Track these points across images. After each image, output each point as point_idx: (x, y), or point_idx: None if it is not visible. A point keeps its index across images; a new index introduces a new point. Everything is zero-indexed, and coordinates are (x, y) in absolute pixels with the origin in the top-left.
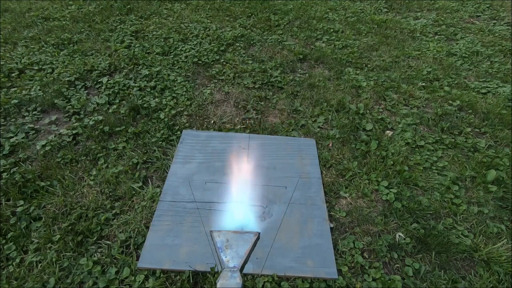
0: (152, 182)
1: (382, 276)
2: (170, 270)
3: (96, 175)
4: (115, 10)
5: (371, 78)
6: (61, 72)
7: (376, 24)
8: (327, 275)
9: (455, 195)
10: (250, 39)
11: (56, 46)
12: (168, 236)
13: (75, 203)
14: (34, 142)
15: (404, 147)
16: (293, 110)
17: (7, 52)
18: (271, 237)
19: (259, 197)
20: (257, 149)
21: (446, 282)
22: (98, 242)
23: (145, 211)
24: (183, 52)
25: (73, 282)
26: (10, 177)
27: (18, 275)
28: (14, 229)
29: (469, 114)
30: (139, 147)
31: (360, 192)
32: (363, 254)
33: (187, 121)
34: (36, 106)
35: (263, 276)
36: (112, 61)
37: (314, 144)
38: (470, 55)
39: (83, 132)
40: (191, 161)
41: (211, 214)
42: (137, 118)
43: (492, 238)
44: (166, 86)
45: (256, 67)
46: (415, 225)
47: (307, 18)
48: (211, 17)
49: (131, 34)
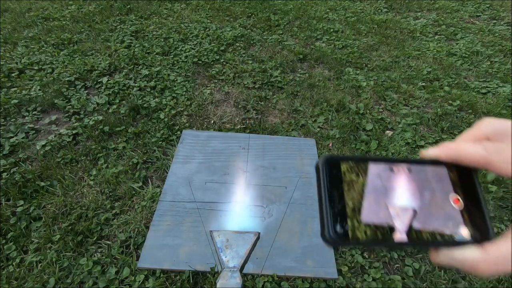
0: (152, 182)
1: (382, 276)
2: (170, 270)
3: (96, 175)
4: (115, 10)
5: (371, 78)
6: (61, 72)
7: (376, 24)
8: (327, 275)
9: None
10: (250, 39)
11: (56, 46)
12: (168, 236)
13: (75, 203)
14: (34, 142)
15: (404, 147)
16: (293, 110)
17: (7, 52)
18: (271, 237)
19: (259, 197)
20: (257, 149)
21: (446, 282)
22: (98, 242)
23: (145, 211)
24: (183, 52)
25: (73, 282)
26: (10, 177)
27: (18, 275)
28: (14, 229)
29: (469, 114)
30: (139, 147)
31: None
32: (363, 254)
33: (187, 121)
34: (36, 106)
35: (263, 276)
36: (112, 61)
37: (314, 144)
38: (470, 55)
39: (83, 132)
40: (191, 161)
41: (211, 214)
42: (137, 118)
43: None
44: (166, 86)
45: (256, 67)
46: None
47: (307, 18)
48: (211, 17)
49: (131, 34)
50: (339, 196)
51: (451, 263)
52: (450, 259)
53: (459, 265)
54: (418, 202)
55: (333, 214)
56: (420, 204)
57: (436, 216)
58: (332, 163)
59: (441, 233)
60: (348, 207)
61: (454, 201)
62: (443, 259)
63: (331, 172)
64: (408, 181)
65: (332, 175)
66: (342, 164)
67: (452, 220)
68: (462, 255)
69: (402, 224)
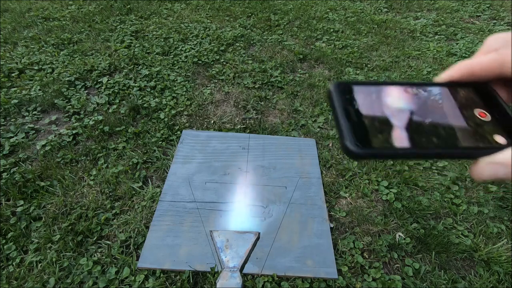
0: (152, 182)
1: (382, 276)
2: (170, 270)
3: (96, 175)
4: (115, 10)
5: (371, 78)
6: (61, 72)
7: (376, 24)
8: (327, 275)
9: (455, 195)
10: (250, 39)
11: (56, 46)
12: (168, 236)
13: (75, 203)
14: (34, 142)
15: None
16: (293, 110)
17: (7, 52)
18: (271, 237)
19: (259, 197)
20: (257, 149)
21: (446, 282)
22: (98, 242)
23: (145, 211)
24: (183, 52)
25: (73, 282)
26: (10, 177)
27: (18, 275)
28: (14, 229)
29: None
30: (139, 147)
31: (360, 192)
32: (363, 254)
33: (187, 121)
34: (36, 106)
35: (263, 276)
36: (112, 61)
37: (314, 144)
38: (470, 55)
39: (83, 132)
40: (191, 161)
41: (211, 214)
42: (137, 118)
43: (492, 238)
44: (166, 86)
45: (256, 67)
46: (415, 225)
47: (307, 18)
48: (211, 17)
49: (131, 34)
50: (355, 112)
51: (494, 170)
52: (492, 165)
53: (504, 169)
54: (441, 117)
55: (351, 126)
56: (443, 118)
57: (464, 130)
58: (343, 88)
59: (475, 146)
60: (365, 118)
61: (480, 115)
62: (485, 168)
63: (343, 94)
64: (426, 99)
65: (344, 98)
66: (353, 88)
67: (483, 132)
68: (504, 155)
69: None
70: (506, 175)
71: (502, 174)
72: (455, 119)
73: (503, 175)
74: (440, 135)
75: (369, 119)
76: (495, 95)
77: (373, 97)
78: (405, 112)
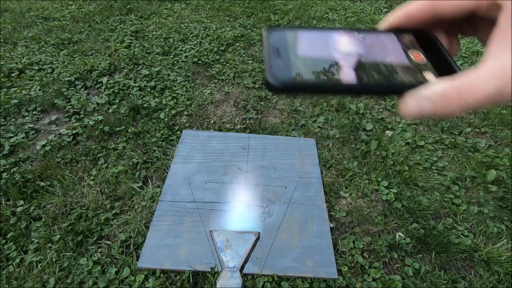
0: (152, 182)
1: (382, 276)
2: (170, 270)
3: (96, 175)
4: (115, 10)
5: None
6: (61, 72)
7: (376, 24)
8: (327, 275)
9: (455, 195)
10: (250, 39)
11: (56, 46)
12: (168, 236)
13: (75, 203)
14: (34, 142)
15: (404, 147)
16: (293, 110)
17: (7, 52)
18: (271, 237)
19: (259, 197)
20: (257, 149)
21: (446, 282)
22: (98, 242)
23: (145, 211)
24: (183, 52)
25: (73, 282)
26: (10, 177)
27: (18, 275)
28: (14, 229)
29: (469, 114)
30: (139, 147)
31: (360, 192)
32: (363, 254)
33: (187, 121)
34: (36, 106)
35: (263, 276)
36: (112, 61)
37: (314, 144)
38: (470, 55)
39: (83, 132)
40: (191, 161)
41: (211, 214)
42: (137, 118)
43: (492, 238)
44: (166, 86)
45: (256, 67)
46: (415, 225)
47: (307, 18)
48: (211, 17)
49: (131, 34)
50: (284, 50)
51: (419, 105)
52: (417, 99)
53: (429, 105)
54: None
55: (277, 62)
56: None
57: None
58: (276, 32)
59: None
60: (292, 54)
61: (414, 56)
62: (411, 103)
63: (276, 38)
64: (360, 40)
65: (277, 39)
66: (286, 33)
67: (415, 72)
68: (431, 89)
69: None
70: (431, 111)
71: (427, 110)
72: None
73: (428, 110)
74: (366, 70)
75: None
76: (436, 43)
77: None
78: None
